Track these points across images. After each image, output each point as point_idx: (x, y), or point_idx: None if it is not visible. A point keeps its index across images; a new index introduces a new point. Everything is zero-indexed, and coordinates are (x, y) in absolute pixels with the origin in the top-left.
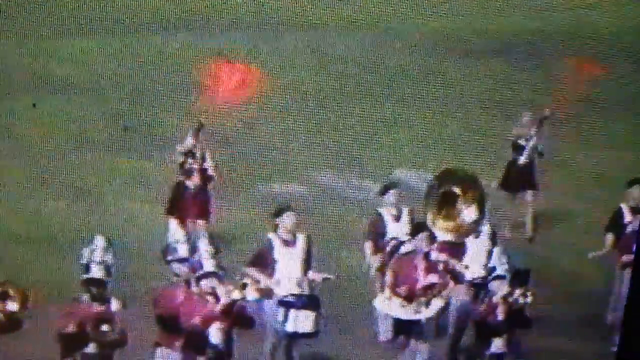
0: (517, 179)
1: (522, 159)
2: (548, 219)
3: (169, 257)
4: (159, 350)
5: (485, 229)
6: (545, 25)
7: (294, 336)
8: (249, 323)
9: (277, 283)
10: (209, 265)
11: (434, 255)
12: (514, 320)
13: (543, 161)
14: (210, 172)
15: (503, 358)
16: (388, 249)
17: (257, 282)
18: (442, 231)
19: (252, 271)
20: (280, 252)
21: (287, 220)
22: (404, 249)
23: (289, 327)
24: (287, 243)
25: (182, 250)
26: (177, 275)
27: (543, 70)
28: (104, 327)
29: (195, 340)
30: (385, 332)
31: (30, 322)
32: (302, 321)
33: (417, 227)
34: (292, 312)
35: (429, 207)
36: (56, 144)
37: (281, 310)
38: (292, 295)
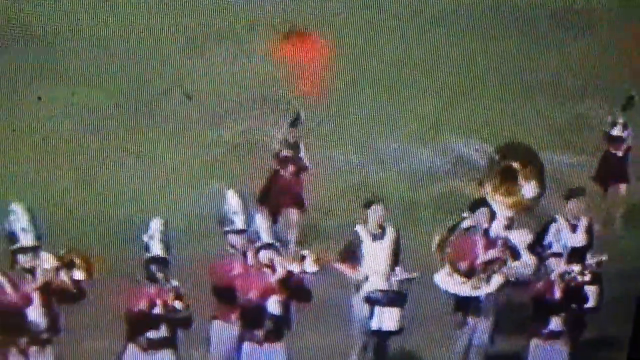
0: (610, 171)
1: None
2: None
3: (227, 228)
4: (215, 323)
5: (582, 222)
6: None
7: (378, 334)
8: (307, 296)
9: (364, 278)
10: (266, 236)
11: (494, 232)
12: (572, 298)
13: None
14: (305, 161)
15: (560, 336)
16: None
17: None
18: (502, 206)
19: (342, 267)
20: (368, 246)
21: (375, 212)
22: (464, 225)
23: (374, 325)
24: (375, 236)
25: (239, 222)
26: (233, 247)
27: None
28: (177, 304)
29: (253, 313)
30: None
31: (95, 293)
32: (387, 318)
33: (477, 203)
34: (378, 309)
35: (489, 182)
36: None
37: (366, 307)
38: (379, 291)
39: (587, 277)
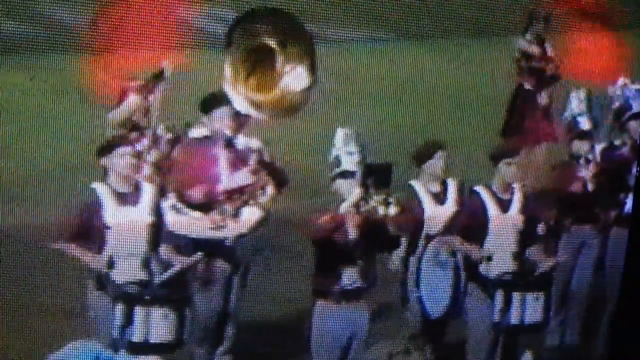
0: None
1: None
2: None
3: None
4: None
5: (516, 194)
6: None
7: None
8: None
9: (111, 266)
10: None
11: (242, 143)
12: (373, 238)
13: None
14: None
15: (361, 294)
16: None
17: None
18: (251, 106)
19: (71, 248)
20: (112, 213)
21: (120, 160)
22: (194, 133)
23: (136, 337)
24: (124, 197)
25: None
26: None
27: None
28: None
29: None
30: None
31: None
32: (157, 324)
33: (212, 100)
34: (139, 311)
35: (231, 69)
36: None
37: (120, 308)
38: (135, 283)
39: (393, 210)
